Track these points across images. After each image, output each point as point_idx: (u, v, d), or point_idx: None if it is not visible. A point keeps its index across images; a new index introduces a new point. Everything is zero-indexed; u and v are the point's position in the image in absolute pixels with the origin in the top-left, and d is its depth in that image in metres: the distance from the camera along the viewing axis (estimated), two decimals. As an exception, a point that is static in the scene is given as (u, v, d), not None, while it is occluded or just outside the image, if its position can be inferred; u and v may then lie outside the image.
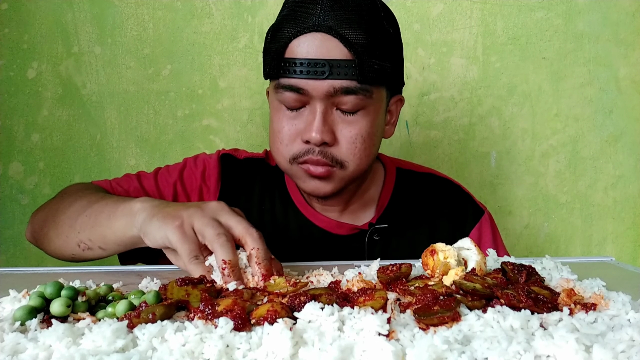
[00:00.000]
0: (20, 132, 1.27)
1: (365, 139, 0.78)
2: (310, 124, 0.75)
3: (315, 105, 0.75)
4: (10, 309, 0.48)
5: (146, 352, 0.37)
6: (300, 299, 0.46)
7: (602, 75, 1.35)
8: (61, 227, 0.76)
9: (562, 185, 1.38)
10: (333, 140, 0.76)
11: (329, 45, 0.72)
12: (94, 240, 0.72)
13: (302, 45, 0.73)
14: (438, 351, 0.36)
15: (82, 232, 0.72)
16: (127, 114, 1.29)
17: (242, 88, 1.30)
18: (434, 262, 0.56)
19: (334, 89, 0.73)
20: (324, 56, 0.72)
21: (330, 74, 0.72)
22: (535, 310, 0.45)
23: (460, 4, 1.32)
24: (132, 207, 0.67)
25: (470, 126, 1.35)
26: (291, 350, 0.37)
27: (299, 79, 0.74)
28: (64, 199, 0.81)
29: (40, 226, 0.82)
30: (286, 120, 0.78)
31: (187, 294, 0.49)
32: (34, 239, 0.84)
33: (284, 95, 0.76)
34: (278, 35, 0.76)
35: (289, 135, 0.78)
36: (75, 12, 1.26)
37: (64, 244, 0.76)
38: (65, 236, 0.75)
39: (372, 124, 0.79)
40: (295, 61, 0.73)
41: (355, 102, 0.75)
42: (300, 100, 0.76)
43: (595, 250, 1.41)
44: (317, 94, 0.74)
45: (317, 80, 0.73)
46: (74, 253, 0.76)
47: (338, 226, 0.88)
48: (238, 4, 1.28)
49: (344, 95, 0.74)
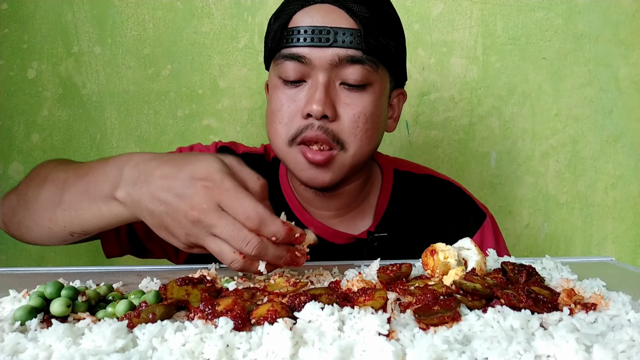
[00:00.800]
0: (20, 132, 1.27)
1: (368, 118, 0.74)
2: (311, 96, 0.72)
3: (317, 77, 0.72)
4: (10, 309, 0.48)
5: (146, 352, 0.37)
6: (300, 299, 0.46)
7: (602, 75, 1.35)
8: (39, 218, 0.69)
9: (562, 185, 1.38)
10: (334, 115, 0.73)
11: (334, 15, 0.72)
12: (88, 230, 0.67)
13: (306, 16, 0.72)
14: (438, 351, 0.36)
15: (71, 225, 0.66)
16: (127, 114, 1.29)
17: (242, 88, 1.30)
18: (434, 262, 0.56)
19: (339, 57, 0.71)
20: (328, 24, 0.71)
21: (334, 42, 0.71)
22: (535, 310, 0.45)
23: (460, 4, 1.32)
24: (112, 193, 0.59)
25: (470, 126, 1.35)
26: (291, 350, 0.37)
27: (302, 47, 0.72)
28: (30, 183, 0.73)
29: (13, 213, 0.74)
30: (286, 97, 0.74)
31: (187, 294, 0.49)
32: (4, 225, 0.77)
33: (284, 66, 0.73)
34: (282, 13, 0.75)
35: (289, 113, 0.74)
36: (75, 12, 1.26)
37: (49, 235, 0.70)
38: (49, 228, 0.69)
39: (376, 104, 0.75)
40: (299, 29, 0.72)
41: (361, 73, 0.72)
42: (302, 72, 0.73)
43: (595, 250, 1.41)
44: (320, 63, 0.72)
45: (320, 49, 0.71)
46: (65, 240, 0.70)
47: (335, 235, 0.84)
48: (238, 4, 1.28)
49: (349, 65, 0.72)
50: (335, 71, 0.73)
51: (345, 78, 0.73)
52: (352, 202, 0.86)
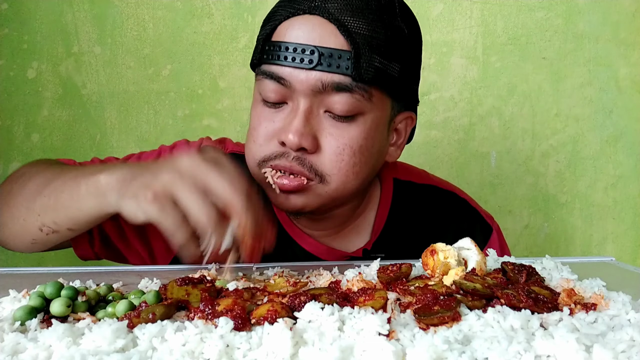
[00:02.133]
0: (20, 132, 1.27)
1: (355, 152, 0.65)
2: (289, 124, 0.63)
3: (298, 102, 0.63)
4: (10, 309, 0.48)
5: (146, 352, 0.37)
6: (300, 299, 0.46)
7: (602, 75, 1.35)
8: (16, 210, 0.66)
9: (562, 185, 1.38)
10: (314, 147, 0.64)
11: (322, 30, 0.61)
12: (60, 223, 0.62)
13: (291, 28, 0.62)
14: (438, 351, 0.36)
15: (44, 215, 0.63)
16: (127, 114, 1.29)
17: (242, 88, 1.30)
18: (434, 262, 0.56)
19: (322, 83, 0.61)
20: (314, 42, 0.61)
21: (319, 64, 0.60)
22: (535, 310, 0.45)
23: (460, 4, 1.32)
24: (97, 184, 0.57)
25: (470, 126, 1.35)
26: (291, 350, 0.37)
27: (282, 66, 0.62)
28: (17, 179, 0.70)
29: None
30: (264, 117, 0.66)
31: (187, 294, 0.49)
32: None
33: (264, 85, 0.65)
34: (270, 20, 0.66)
35: (265, 134, 0.66)
36: (75, 12, 1.26)
37: (21, 230, 0.66)
38: (23, 220, 0.65)
39: (367, 136, 0.65)
40: (280, 44, 0.62)
41: (348, 103, 0.62)
42: (281, 94, 0.64)
43: (595, 250, 1.41)
44: (301, 88, 0.62)
45: (302, 70, 0.61)
46: (34, 238, 0.66)
47: (328, 252, 0.77)
48: (238, 4, 1.28)
49: (334, 93, 0.62)
50: (319, 97, 0.63)
51: (330, 107, 0.63)
52: (346, 221, 0.79)
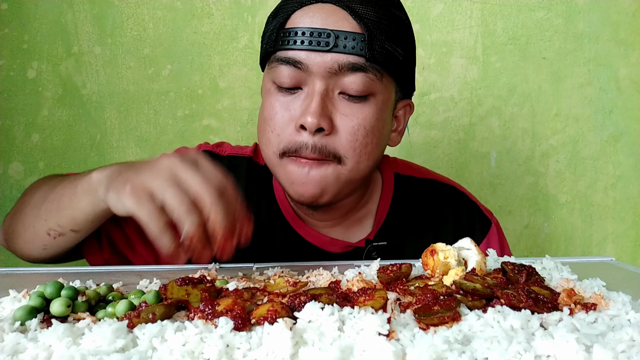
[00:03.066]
0: (20, 132, 1.27)
1: (368, 132, 0.68)
2: (307, 107, 0.66)
3: (313, 85, 0.66)
4: (10, 309, 0.48)
5: (146, 352, 0.37)
6: (300, 299, 0.46)
7: (602, 75, 1.35)
8: (27, 219, 0.69)
9: (562, 185, 1.38)
10: (330, 128, 0.66)
11: (336, 16, 0.65)
12: (63, 225, 0.65)
13: (305, 16, 0.66)
14: (438, 351, 0.36)
15: (49, 219, 0.66)
16: (127, 114, 1.29)
17: (242, 88, 1.30)
18: (434, 262, 0.56)
19: (339, 65, 0.65)
20: (328, 27, 0.64)
21: (335, 46, 0.64)
22: (535, 310, 0.45)
23: (460, 4, 1.32)
24: (90, 182, 0.60)
25: (470, 126, 1.35)
26: (291, 350, 0.37)
27: (299, 51, 0.65)
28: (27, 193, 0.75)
29: (9, 225, 0.75)
30: (279, 105, 0.69)
31: (187, 294, 0.49)
32: (5, 242, 0.77)
33: (279, 71, 0.67)
34: (280, 11, 0.69)
35: (282, 122, 0.68)
36: (75, 12, 1.26)
37: (32, 237, 0.69)
38: (33, 227, 0.68)
39: (379, 116, 0.69)
40: (296, 30, 0.65)
41: (363, 82, 0.66)
42: (297, 78, 0.67)
43: (595, 250, 1.41)
44: (318, 70, 0.65)
45: (319, 53, 0.64)
46: (45, 244, 0.68)
47: (331, 243, 0.79)
48: (238, 4, 1.28)
49: (349, 73, 0.65)
50: (334, 79, 0.66)
51: (345, 87, 0.67)
52: (350, 212, 0.81)
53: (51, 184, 0.70)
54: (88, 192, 0.61)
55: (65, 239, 0.67)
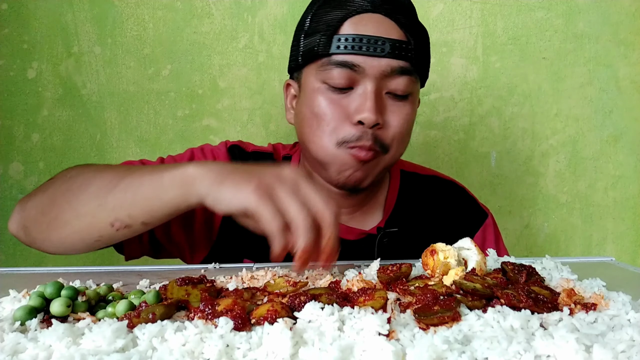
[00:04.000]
0: (20, 132, 1.27)
1: (409, 125, 0.78)
2: (362, 104, 0.73)
3: (366, 85, 0.74)
4: (10, 309, 0.48)
5: (146, 352, 0.37)
6: (300, 299, 0.46)
7: (602, 75, 1.35)
8: (84, 207, 0.65)
9: (562, 185, 1.38)
10: (383, 123, 0.75)
11: (386, 25, 0.73)
12: (135, 216, 0.64)
13: (359, 24, 0.73)
14: (438, 351, 0.36)
15: (119, 210, 0.63)
16: (127, 114, 1.29)
17: (242, 88, 1.30)
18: (434, 262, 0.56)
19: (391, 68, 0.73)
20: (382, 34, 0.72)
21: (389, 52, 0.72)
22: (535, 310, 0.45)
23: (460, 4, 1.32)
24: (184, 174, 0.60)
25: (470, 126, 1.35)
26: (291, 350, 0.37)
27: (356, 56, 0.73)
28: (73, 178, 0.70)
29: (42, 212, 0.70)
30: (331, 102, 0.75)
31: (187, 294, 0.49)
32: (24, 229, 0.71)
33: (333, 72, 0.74)
34: (324, 16, 0.75)
35: (337, 117, 0.75)
36: (75, 12, 1.26)
37: (88, 227, 0.66)
38: (92, 217, 0.65)
39: (414, 113, 0.79)
40: (354, 37, 0.72)
41: (407, 85, 0.75)
42: (350, 79, 0.74)
43: (595, 250, 1.41)
44: (373, 72, 0.73)
45: (375, 58, 0.72)
46: (101, 235, 0.66)
47: (347, 231, 0.86)
48: (238, 4, 1.28)
49: (397, 76, 0.74)
50: (384, 80, 0.74)
51: (393, 88, 0.75)
52: (363, 200, 0.88)
53: (116, 172, 0.67)
54: (180, 185, 0.60)
55: (129, 231, 0.66)
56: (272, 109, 1.31)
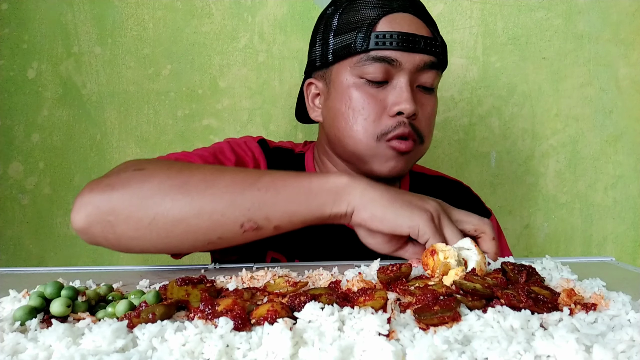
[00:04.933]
0: (20, 132, 1.27)
1: (434, 118, 0.84)
2: (400, 96, 0.78)
3: (400, 79, 0.78)
4: (10, 309, 0.48)
5: (146, 352, 0.37)
6: (300, 299, 0.46)
7: (602, 75, 1.35)
8: (210, 203, 0.61)
9: (562, 185, 1.38)
10: (417, 114, 0.80)
11: (416, 24, 0.79)
12: (272, 219, 0.62)
13: (394, 23, 0.78)
14: (438, 351, 0.36)
15: (257, 210, 0.61)
16: (127, 114, 1.29)
17: (242, 88, 1.30)
18: (434, 262, 0.56)
19: (425, 63, 0.79)
20: (414, 32, 0.78)
21: (422, 49, 0.78)
22: (535, 310, 0.45)
23: (460, 4, 1.32)
24: (337, 183, 0.63)
25: (470, 126, 1.35)
26: (291, 350, 0.37)
27: (394, 51, 0.77)
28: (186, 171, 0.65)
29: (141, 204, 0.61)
30: (368, 96, 0.79)
31: (187, 294, 0.49)
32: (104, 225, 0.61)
33: (370, 67, 0.78)
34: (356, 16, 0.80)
35: (376, 110, 0.79)
36: (75, 12, 1.26)
37: (212, 225, 0.61)
38: (220, 215, 0.61)
39: (437, 105, 0.85)
40: (391, 33, 0.77)
41: (435, 78, 0.81)
42: (388, 73, 0.78)
43: (595, 250, 1.41)
44: (409, 67, 0.78)
45: (410, 54, 0.78)
46: (221, 236, 0.62)
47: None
48: (238, 4, 1.28)
49: (428, 70, 0.80)
50: (416, 74, 0.79)
51: (423, 81, 0.80)
52: None
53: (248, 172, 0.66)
54: (331, 192, 0.63)
55: (254, 235, 0.63)
56: (272, 109, 1.31)
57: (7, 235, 1.29)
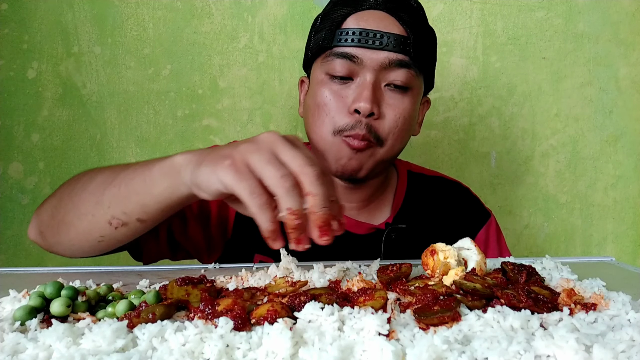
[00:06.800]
0: (20, 132, 1.27)
1: (405, 120, 0.80)
2: (359, 94, 0.76)
3: (365, 76, 0.77)
4: (10, 309, 0.48)
5: (146, 352, 0.37)
6: (300, 299, 0.46)
7: (602, 75, 1.35)
8: (84, 206, 0.64)
9: (562, 185, 1.38)
10: (379, 114, 0.77)
11: (386, 21, 0.77)
12: (130, 213, 0.61)
13: (360, 19, 0.77)
14: (438, 351, 0.36)
15: (114, 206, 0.62)
16: (127, 114, 1.29)
17: (242, 88, 1.30)
18: (434, 262, 0.56)
19: (389, 61, 0.76)
20: (381, 29, 0.76)
21: (386, 46, 0.76)
22: (535, 310, 0.45)
23: (460, 4, 1.32)
24: (172, 164, 0.57)
25: (470, 126, 1.35)
26: (291, 350, 0.37)
27: (354, 47, 0.76)
28: (79, 180, 0.69)
29: (51, 215, 0.69)
30: (332, 92, 0.79)
31: (187, 294, 0.49)
32: (40, 234, 0.71)
33: (334, 63, 0.77)
34: (332, 14, 0.80)
35: (336, 107, 0.78)
36: (75, 12, 1.26)
37: (88, 226, 0.64)
38: (91, 215, 0.63)
39: (413, 108, 0.81)
40: (353, 30, 0.76)
41: (406, 77, 0.77)
42: (350, 70, 0.77)
43: (595, 250, 1.41)
44: (371, 64, 0.76)
45: (372, 51, 0.76)
46: (102, 235, 0.64)
47: (357, 225, 0.88)
48: (238, 4, 1.28)
49: (396, 68, 0.77)
50: (382, 73, 0.77)
51: (392, 80, 0.78)
52: (372, 195, 0.90)
53: (113, 170, 0.65)
54: (168, 175, 0.57)
55: (127, 230, 0.63)
56: (272, 109, 1.31)
57: (7, 235, 1.29)
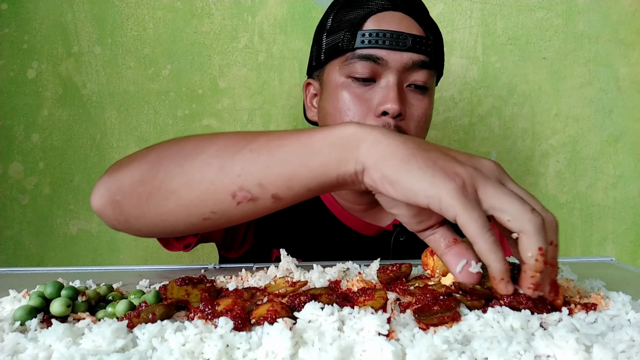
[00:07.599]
0: (20, 132, 1.27)
1: (427, 119, 0.81)
2: (385, 95, 0.76)
3: (389, 78, 0.77)
4: (10, 309, 0.48)
5: (146, 352, 0.37)
6: (300, 299, 0.46)
7: (602, 75, 1.35)
8: (200, 172, 0.53)
9: (562, 185, 1.38)
10: (405, 114, 0.78)
11: (407, 22, 0.78)
12: (267, 186, 0.51)
13: (382, 21, 0.77)
14: (438, 351, 0.36)
15: (248, 175, 0.51)
16: (127, 114, 1.29)
17: (242, 88, 1.30)
18: (434, 262, 0.56)
19: (413, 62, 0.77)
20: (404, 30, 0.77)
21: (410, 47, 0.76)
22: (535, 310, 0.45)
23: (460, 4, 1.32)
24: (342, 134, 0.49)
25: (470, 126, 1.35)
26: (291, 350, 0.37)
27: (380, 49, 0.76)
28: (185, 142, 0.57)
29: (140, 181, 0.56)
30: (355, 96, 0.78)
31: (187, 294, 0.49)
32: (113, 204, 0.58)
33: (356, 66, 0.77)
34: (346, 16, 0.79)
35: (361, 110, 0.77)
36: (75, 12, 1.26)
37: (201, 197, 0.53)
38: (209, 183, 0.53)
39: (431, 107, 0.83)
40: (377, 32, 0.76)
41: (427, 77, 0.79)
42: (374, 72, 0.77)
43: (595, 250, 1.41)
44: (396, 65, 0.76)
45: (397, 52, 0.76)
46: (215, 210, 0.54)
47: (366, 227, 0.88)
48: (238, 4, 1.28)
49: (418, 70, 0.78)
50: (405, 73, 0.78)
51: (413, 80, 0.79)
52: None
53: (238, 135, 0.55)
54: (336, 147, 0.49)
55: (252, 208, 0.53)
56: (272, 109, 1.31)
57: (7, 235, 1.29)
